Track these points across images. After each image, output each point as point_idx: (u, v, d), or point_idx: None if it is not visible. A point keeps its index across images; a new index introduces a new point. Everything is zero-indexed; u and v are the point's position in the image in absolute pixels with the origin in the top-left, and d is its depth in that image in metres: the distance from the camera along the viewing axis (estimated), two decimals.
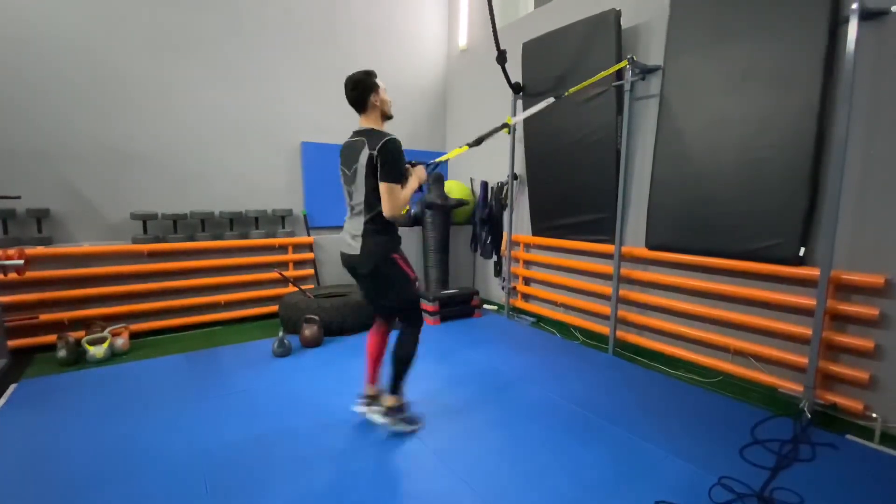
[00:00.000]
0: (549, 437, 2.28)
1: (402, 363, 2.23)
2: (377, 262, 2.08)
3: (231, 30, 4.20)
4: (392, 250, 2.11)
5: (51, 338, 3.36)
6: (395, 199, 1.99)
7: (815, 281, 2.45)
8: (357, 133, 2.11)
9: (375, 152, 1.96)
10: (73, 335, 3.31)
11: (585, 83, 3.25)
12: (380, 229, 2.07)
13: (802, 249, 2.58)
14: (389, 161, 1.97)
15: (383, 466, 2.05)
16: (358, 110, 2.12)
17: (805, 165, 2.52)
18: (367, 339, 2.41)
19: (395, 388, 2.26)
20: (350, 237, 2.12)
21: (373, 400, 2.39)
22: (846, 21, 2.28)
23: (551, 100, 3.04)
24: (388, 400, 2.27)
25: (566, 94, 3.21)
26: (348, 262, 2.18)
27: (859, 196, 2.41)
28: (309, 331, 3.54)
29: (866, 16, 2.25)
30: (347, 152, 2.13)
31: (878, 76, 2.33)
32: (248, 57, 4.30)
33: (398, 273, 2.13)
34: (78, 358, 3.26)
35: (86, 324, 3.50)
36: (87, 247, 3.61)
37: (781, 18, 2.58)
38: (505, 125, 2.83)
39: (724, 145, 2.86)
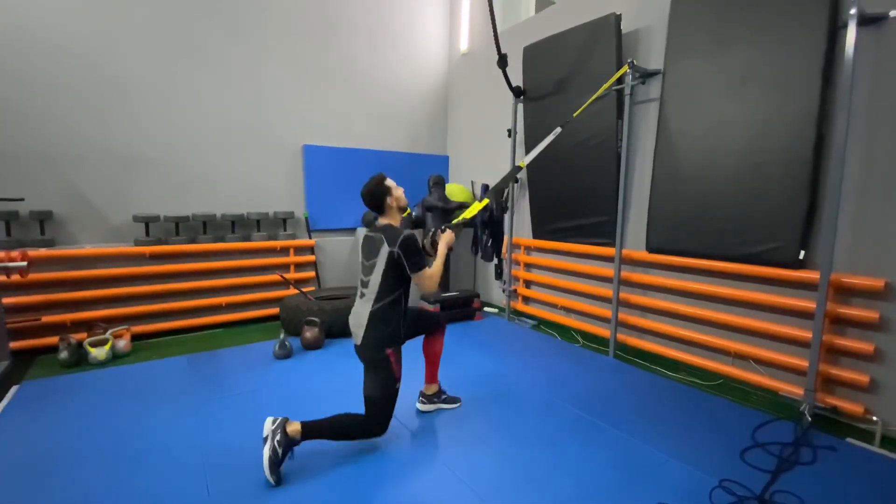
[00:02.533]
0: (550, 440, 2.29)
1: (336, 430, 2.08)
2: (372, 355, 2.17)
3: (233, 34, 4.23)
4: (388, 345, 2.17)
5: (53, 339, 3.36)
6: (427, 280, 2.17)
7: (815, 284, 2.46)
8: (376, 229, 2.23)
9: (396, 250, 2.10)
10: (74, 337, 3.31)
11: (589, 101, 3.24)
12: (384, 318, 2.16)
13: (802, 253, 2.59)
14: (412, 255, 2.13)
15: (384, 468, 2.06)
16: (378, 213, 2.29)
17: (804, 169, 2.53)
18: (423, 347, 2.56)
19: (312, 435, 2.01)
20: (356, 326, 2.21)
21: (430, 398, 2.59)
22: (845, 26, 2.29)
23: (559, 130, 3.07)
24: (293, 425, 1.98)
25: (573, 116, 3.22)
26: (356, 349, 2.24)
27: (859, 199, 2.42)
28: (310, 333, 3.55)
29: (864, 21, 2.27)
30: (367, 246, 2.25)
31: (876, 80, 2.34)
32: (250, 61, 4.33)
33: (386, 370, 2.16)
34: (80, 359, 3.26)
35: (88, 325, 3.51)
36: (89, 249, 3.63)
37: (781, 23, 2.60)
38: (518, 168, 3.01)
39: (723, 149, 2.88)
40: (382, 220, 2.28)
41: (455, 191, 5.02)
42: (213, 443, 2.22)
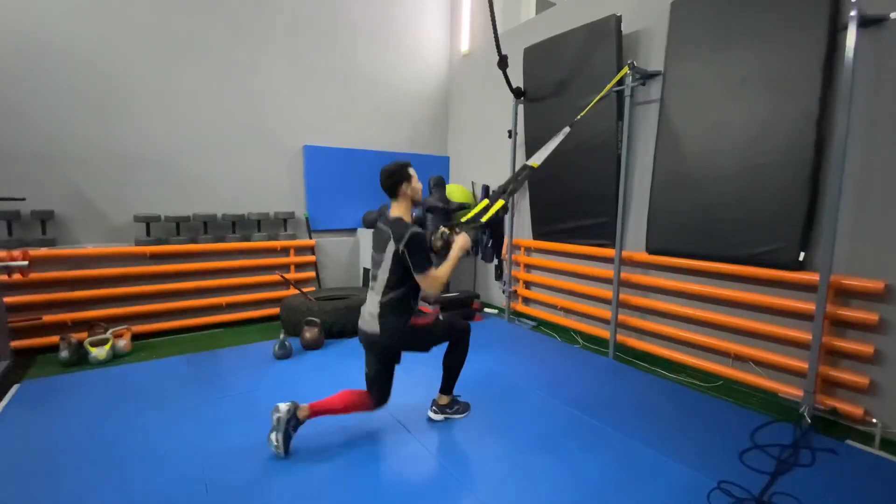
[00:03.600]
0: (549, 441, 2.29)
1: (455, 370, 2.47)
2: (400, 337, 2.19)
3: (234, 34, 4.24)
4: (407, 320, 2.19)
5: (53, 339, 3.37)
6: (432, 281, 2.12)
7: (814, 286, 2.46)
8: (385, 222, 2.21)
9: (402, 248, 2.07)
10: (75, 336, 3.32)
11: (593, 103, 3.24)
12: (395, 309, 2.16)
13: (802, 254, 2.59)
14: (416, 255, 2.08)
15: (383, 469, 2.06)
16: (390, 196, 2.23)
17: (804, 170, 2.53)
18: (348, 391, 2.27)
19: (449, 388, 2.50)
20: (368, 314, 2.21)
21: (295, 418, 2.13)
22: (845, 28, 2.29)
23: (567, 129, 3.08)
24: (442, 399, 2.50)
25: (578, 117, 3.22)
26: (368, 340, 2.23)
27: (858, 201, 2.42)
28: (310, 333, 3.55)
29: (865, 23, 2.27)
30: (376, 239, 2.24)
31: (876, 82, 2.34)
32: (251, 61, 4.34)
33: (422, 332, 2.24)
34: (80, 359, 3.27)
35: (88, 325, 3.52)
36: (90, 248, 3.64)
37: (781, 25, 2.60)
38: (531, 168, 3.00)
39: (724, 150, 2.88)
40: (393, 210, 2.22)
41: (455, 191, 5.02)
42: (213, 442, 2.22)
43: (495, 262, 4.93)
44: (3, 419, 2.44)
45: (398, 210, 2.21)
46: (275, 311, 4.28)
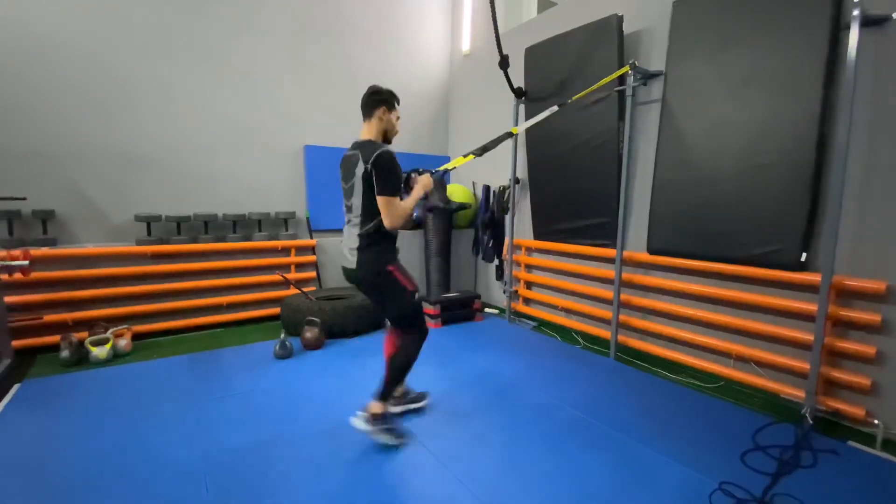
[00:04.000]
0: (550, 442, 2.28)
1: (398, 370, 2.21)
2: (373, 275, 2.12)
3: (235, 34, 4.24)
4: (388, 262, 2.12)
5: (54, 338, 3.37)
6: (394, 211, 2.00)
7: (816, 286, 2.45)
8: (354, 146, 2.14)
9: (370, 166, 1.98)
10: (76, 336, 3.32)
11: (589, 90, 3.26)
12: (375, 242, 2.09)
13: (804, 255, 2.58)
14: (384, 174, 1.97)
15: (383, 470, 2.05)
16: (363, 115, 2.16)
17: (806, 170, 2.52)
18: (384, 344, 2.45)
19: (385, 395, 2.20)
20: (347, 250, 2.16)
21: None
22: (847, 27, 2.29)
23: (555, 108, 3.06)
24: (374, 406, 2.18)
25: (570, 100, 3.23)
26: (347, 274, 2.23)
27: (861, 201, 2.41)
28: (310, 333, 3.55)
29: (867, 22, 2.26)
30: (345, 166, 2.16)
31: (879, 82, 2.33)
32: (252, 60, 4.34)
33: (395, 285, 2.14)
34: (81, 359, 3.27)
35: (89, 325, 3.52)
36: (91, 248, 3.64)
37: (783, 24, 2.59)
38: (510, 134, 2.87)
39: (725, 150, 2.87)
40: (363, 134, 2.14)
41: (456, 191, 5.02)
42: (213, 442, 2.22)
43: (496, 262, 4.93)
44: (4, 419, 2.44)
45: (368, 133, 2.13)
46: (275, 310, 4.28)
